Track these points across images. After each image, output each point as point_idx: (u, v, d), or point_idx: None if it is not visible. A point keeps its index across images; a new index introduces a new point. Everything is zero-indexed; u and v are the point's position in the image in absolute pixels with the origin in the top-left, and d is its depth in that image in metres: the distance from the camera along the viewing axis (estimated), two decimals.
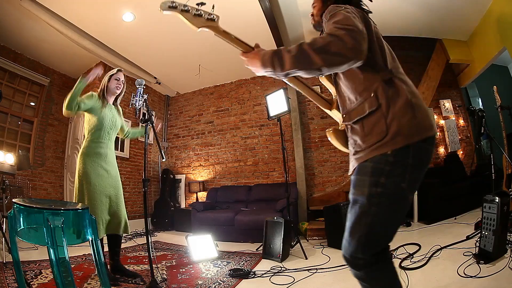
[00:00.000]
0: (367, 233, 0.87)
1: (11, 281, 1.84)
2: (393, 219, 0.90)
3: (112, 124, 2.18)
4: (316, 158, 4.79)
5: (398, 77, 0.92)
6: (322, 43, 0.82)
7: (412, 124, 0.85)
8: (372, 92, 0.90)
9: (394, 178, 0.85)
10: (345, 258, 0.92)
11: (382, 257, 0.89)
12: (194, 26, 0.99)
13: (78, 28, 3.70)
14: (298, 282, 2.03)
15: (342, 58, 0.82)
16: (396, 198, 0.87)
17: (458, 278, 1.68)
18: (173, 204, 5.12)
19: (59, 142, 4.80)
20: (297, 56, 0.85)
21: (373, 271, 0.88)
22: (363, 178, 0.90)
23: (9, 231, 1.19)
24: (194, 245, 2.80)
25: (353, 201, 0.92)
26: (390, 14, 3.70)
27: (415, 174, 0.87)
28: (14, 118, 4.26)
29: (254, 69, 0.99)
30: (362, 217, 0.88)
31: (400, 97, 0.88)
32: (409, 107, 0.86)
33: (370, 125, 0.90)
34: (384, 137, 0.85)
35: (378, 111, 0.88)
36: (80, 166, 2.03)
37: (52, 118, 4.71)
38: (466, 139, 4.79)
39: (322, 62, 0.82)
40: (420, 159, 0.87)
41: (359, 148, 0.93)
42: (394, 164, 0.85)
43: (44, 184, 4.42)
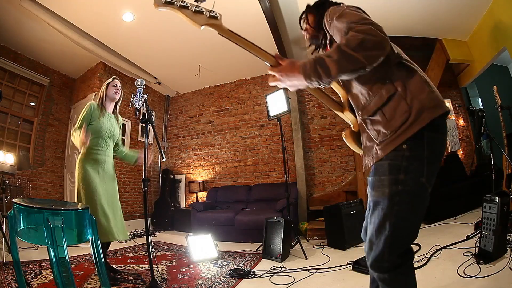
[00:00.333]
0: (393, 234, 0.86)
1: (11, 281, 1.84)
2: (416, 216, 0.90)
3: (110, 133, 2.24)
4: (316, 158, 4.79)
5: (405, 59, 0.94)
6: (357, 41, 0.81)
7: (432, 97, 0.86)
8: (387, 78, 0.91)
9: (413, 174, 0.85)
10: (369, 262, 0.91)
11: (406, 258, 0.89)
12: (196, 23, 0.92)
13: (78, 28, 3.70)
14: (298, 282, 2.03)
15: (378, 51, 0.82)
16: (417, 194, 0.87)
17: (458, 278, 1.68)
18: (173, 204, 5.12)
19: (59, 142, 4.79)
20: (340, 59, 0.83)
21: (397, 274, 0.87)
22: (381, 178, 0.89)
23: (9, 231, 1.19)
24: (194, 245, 2.80)
25: (374, 203, 0.91)
26: (390, 14, 3.70)
27: (432, 167, 0.87)
28: (14, 118, 4.26)
29: (291, 83, 0.93)
30: (386, 219, 0.87)
31: (413, 76, 0.89)
32: (424, 83, 0.88)
33: (391, 110, 0.89)
34: (409, 116, 0.85)
35: (396, 94, 0.88)
36: (79, 171, 2.07)
37: (52, 118, 4.71)
38: (466, 139, 4.79)
39: (365, 60, 0.81)
40: (434, 150, 0.86)
41: (384, 137, 0.90)
42: (411, 158, 0.84)
43: (44, 184, 4.42)
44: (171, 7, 0.90)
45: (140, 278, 2.15)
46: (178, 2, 0.90)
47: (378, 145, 0.93)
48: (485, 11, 3.77)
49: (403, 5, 3.61)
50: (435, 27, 4.19)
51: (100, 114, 2.20)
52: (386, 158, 0.88)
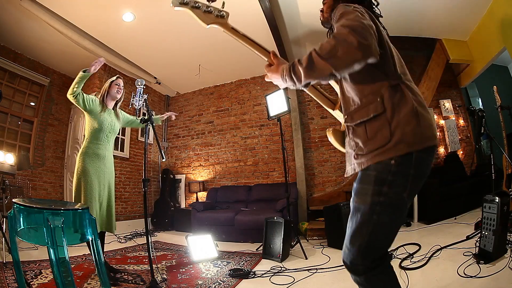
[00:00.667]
0: (368, 241, 0.88)
1: (11, 281, 1.84)
2: (393, 226, 0.92)
3: (110, 128, 2.29)
4: (316, 158, 4.79)
5: (405, 84, 0.92)
6: (328, 48, 0.81)
7: (415, 132, 0.85)
8: (379, 96, 0.89)
9: (396, 188, 0.87)
10: (345, 264, 0.94)
11: (381, 262, 0.90)
12: (204, 22, 1.01)
13: (78, 28, 3.70)
14: (298, 282, 2.03)
15: (351, 58, 0.79)
16: (397, 207, 0.89)
17: (458, 278, 1.68)
18: (173, 204, 5.12)
19: (59, 142, 4.79)
20: (307, 66, 0.85)
21: (372, 276, 0.89)
22: (366, 186, 0.91)
23: (9, 231, 1.19)
24: (194, 245, 2.80)
25: (354, 209, 0.93)
26: (390, 14, 3.70)
27: (415, 184, 0.89)
28: (14, 118, 4.25)
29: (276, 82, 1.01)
30: (364, 226, 0.89)
31: (406, 104, 0.87)
32: (414, 115, 0.86)
33: (373, 129, 0.90)
34: (387, 143, 0.86)
35: (382, 116, 0.88)
36: (79, 164, 2.13)
37: (52, 118, 4.71)
38: (466, 139, 4.79)
39: (332, 68, 0.80)
40: (421, 170, 0.88)
41: (361, 152, 0.93)
42: (397, 174, 0.86)
43: (44, 184, 4.42)
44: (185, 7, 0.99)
45: (140, 278, 2.15)
46: (192, 3, 0.99)
47: (355, 157, 0.96)
48: (485, 11, 3.77)
49: (403, 5, 3.61)
50: (435, 27, 4.19)
51: (102, 109, 2.26)
52: (373, 169, 0.89)
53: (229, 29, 1.03)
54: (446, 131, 4.66)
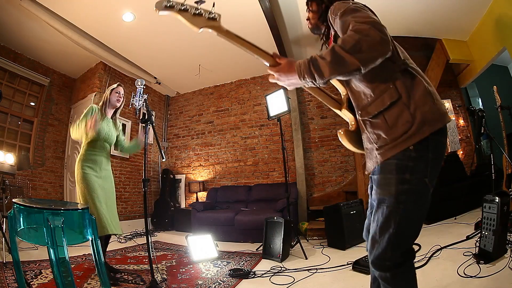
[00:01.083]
0: (397, 232, 0.86)
1: (11, 281, 1.84)
2: (419, 215, 0.91)
3: (107, 137, 2.31)
4: (316, 158, 4.79)
5: (411, 67, 0.93)
6: (352, 42, 0.80)
7: (434, 110, 0.86)
8: (391, 83, 0.90)
9: (418, 174, 0.86)
10: (372, 261, 0.91)
11: (409, 256, 0.90)
12: (195, 26, 0.93)
13: (78, 28, 3.70)
14: (298, 282, 2.03)
15: (375, 53, 0.80)
16: (422, 193, 0.88)
17: (458, 278, 1.68)
18: (173, 204, 5.12)
19: (59, 142, 4.79)
20: (333, 61, 0.83)
21: (399, 272, 0.88)
22: (388, 176, 0.89)
23: (9, 231, 1.19)
24: (194, 245, 2.80)
25: (379, 201, 0.91)
26: (390, 14, 3.70)
27: (435, 168, 0.89)
28: (14, 118, 4.25)
29: (289, 82, 0.95)
30: (391, 216, 0.87)
31: (418, 86, 0.88)
32: (428, 94, 0.87)
33: (393, 117, 0.89)
34: (410, 127, 0.85)
35: (399, 101, 0.88)
36: (78, 171, 2.16)
37: (52, 118, 4.71)
38: (466, 139, 4.79)
39: (359, 62, 0.80)
40: (438, 152, 0.88)
41: (384, 143, 0.91)
42: (417, 159, 0.86)
43: (44, 184, 4.42)
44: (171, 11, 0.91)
45: (140, 278, 2.15)
46: (178, 5, 0.91)
47: (377, 149, 0.93)
48: (485, 11, 3.77)
49: (403, 5, 3.61)
50: (435, 27, 4.19)
51: (100, 118, 2.28)
52: (393, 158, 0.88)
53: (224, 32, 0.95)
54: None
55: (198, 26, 0.93)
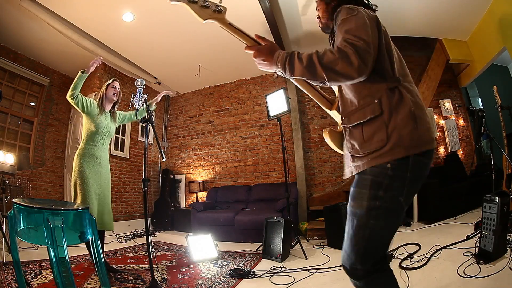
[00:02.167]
0: (366, 245, 0.88)
1: (11, 281, 1.84)
2: (390, 230, 0.92)
3: (106, 131, 2.35)
4: (316, 158, 4.79)
5: (404, 86, 0.91)
6: (329, 59, 0.84)
7: (413, 136, 0.84)
8: (376, 98, 0.89)
9: (393, 192, 0.86)
10: (345, 268, 0.93)
11: (380, 266, 0.90)
12: (200, 17, 0.99)
13: (78, 28, 3.70)
14: (298, 282, 2.03)
15: (345, 77, 0.84)
16: (393, 211, 0.89)
17: (458, 278, 1.68)
18: (173, 204, 5.12)
19: (59, 142, 4.79)
20: (306, 67, 0.88)
21: (372, 280, 0.89)
22: (362, 191, 0.90)
23: (9, 231, 1.19)
24: (194, 245, 2.80)
25: (351, 213, 0.93)
26: (390, 14, 3.70)
27: (412, 188, 0.88)
28: (14, 118, 4.25)
29: (263, 64, 1.00)
30: (361, 230, 0.89)
31: (404, 107, 0.86)
32: (412, 118, 0.85)
33: (370, 131, 0.89)
34: (383, 146, 0.85)
35: (379, 118, 0.88)
36: (76, 165, 2.19)
37: (52, 118, 4.71)
38: (466, 139, 4.79)
39: (326, 78, 0.85)
40: (418, 173, 0.87)
41: (357, 154, 0.93)
42: (393, 178, 0.85)
43: (44, 184, 4.42)
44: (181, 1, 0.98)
45: (140, 278, 2.15)
46: None
47: (351, 160, 0.96)
48: (485, 11, 3.77)
49: (403, 5, 3.61)
50: (435, 27, 4.19)
51: (99, 112, 2.33)
52: (370, 173, 0.89)
53: (226, 24, 1.02)
54: (446, 131, 4.66)
55: (204, 18, 0.99)
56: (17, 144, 4.21)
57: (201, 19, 0.99)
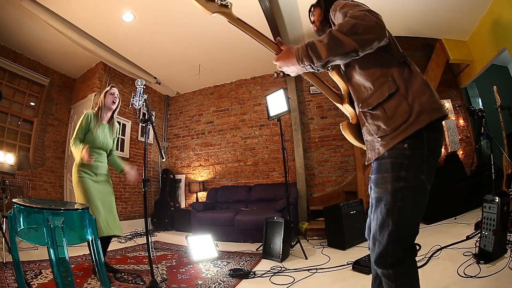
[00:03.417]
0: (396, 229, 0.88)
1: (11, 281, 1.84)
2: (417, 212, 0.92)
3: (102, 144, 2.31)
4: (316, 158, 4.79)
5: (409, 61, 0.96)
6: (348, 26, 0.84)
7: (432, 101, 0.88)
8: (389, 76, 0.92)
9: (414, 171, 0.88)
10: (375, 260, 0.92)
11: (410, 253, 0.91)
12: (208, 11, 0.98)
13: (78, 28, 3.70)
14: (298, 282, 2.03)
15: (372, 35, 0.84)
16: (418, 190, 0.89)
17: (458, 278, 1.68)
18: (173, 204, 5.12)
19: (59, 142, 4.79)
20: (330, 43, 0.86)
21: (401, 269, 0.89)
22: (384, 175, 0.91)
23: (9, 231, 1.19)
24: (194, 245, 2.80)
25: (377, 200, 0.93)
26: (390, 14, 3.70)
27: (431, 165, 0.90)
28: (14, 118, 4.25)
29: (289, 68, 0.99)
30: (390, 214, 0.89)
31: (416, 77, 0.91)
32: (426, 86, 0.90)
33: (392, 108, 0.91)
34: (409, 117, 0.87)
35: (397, 93, 0.90)
36: (75, 175, 2.17)
37: (52, 118, 4.71)
38: (466, 139, 4.79)
39: (356, 43, 0.83)
40: (434, 150, 0.90)
41: (384, 133, 0.93)
42: (412, 157, 0.87)
43: (44, 184, 4.42)
44: None
45: (140, 278, 2.15)
46: None
47: (378, 141, 0.95)
48: (485, 11, 3.77)
49: (403, 5, 3.61)
50: (435, 27, 4.19)
51: (96, 125, 2.27)
52: (388, 157, 0.90)
53: (234, 19, 1.01)
54: (446, 131, 4.65)
55: (211, 11, 0.98)
56: (17, 144, 4.21)
57: (209, 13, 0.98)
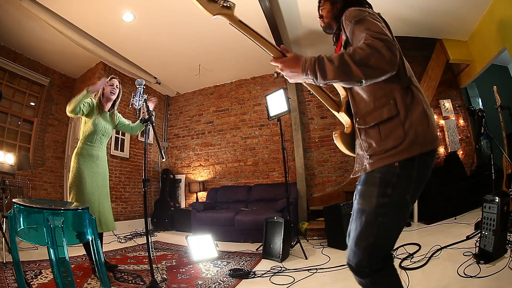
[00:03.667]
0: (374, 242, 0.89)
1: (11, 281, 1.84)
2: (397, 227, 0.95)
3: (104, 131, 2.33)
4: (316, 158, 4.79)
5: (414, 85, 0.94)
6: (362, 55, 0.83)
7: (426, 133, 0.88)
8: (392, 99, 0.92)
9: (400, 190, 0.89)
10: (350, 266, 0.95)
11: (386, 264, 0.92)
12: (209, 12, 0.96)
13: (78, 28, 3.70)
14: (298, 282, 2.03)
15: (380, 71, 0.83)
16: (400, 208, 0.91)
17: (458, 278, 1.68)
18: (173, 204, 5.12)
19: (59, 142, 4.80)
20: (339, 67, 0.85)
21: (378, 278, 0.90)
22: (370, 188, 0.92)
23: (9, 231, 1.19)
24: (194, 245, 2.80)
25: (359, 211, 0.94)
26: (390, 14, 3.69)
27: (418, 186, 0.91)
28: (14, 118, 4.25)
29: (291, 75, 0.98)
30: (369, 227, 0.90)
31: (417, 106, 0.90)
32: (425, 116, 0.89)
33: (387, 130, 0.91)
34: (401, 143, 0.88)
35: (396, 117, 0.90)
36: (74, 164, 2.17)
37: (52, 118, 4.71)
38: (466, 139, 4.79)
39: (362, 75, 0.83)
40: (423, 172, 0.91)
41: (373, 152, 0.94)
42: (401, 176, 0.88)
43: (44, 184, 4.42)
44: None
45: (140, 278, 2.15)
46: None
47: (367, 158, 0.97)
48: (485, 11, 3.77)
49: (403, 5, 3.61)
50: (435, 27, 4.19)
51: (97, 113, 2.30)
52: (378, 172, 0.91)
53: (236, 21, 0.98)
54: (446, 131, 4.65)
55: (213, 13, 0.96)
56: (17, 144, 4.21)
57: (210, 14, 0.96)
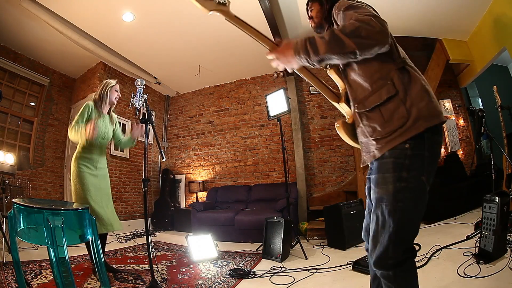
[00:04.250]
0: (397, 230, 0.88)
1: (11, 281, 1.84)
2: (418, 212, 0.92)
3: (103, 135, 2.30)
4: (316, 158, 4.79)
5: (409, 65, 0.96)
6: (351, 28, 0.84)
7: (430, 107, 0.88)
8: (389, 80, 0.92)
9: (415, 171, 0.88)
10: (374, 259, 0.92)
11: (410, 254, 0.90)
12: (205, 8, 0.97)
13: (78, 28, 3.70)
14: (298, 282, 2.03)
15: (372, 41, 0.84)
16: (419, 191, 0.90)
17: (458, 278, 1.68)
18: (173, 204, 5.12)
19: (59, 142, 4.79)
20: (330, 41, 0.86)
21: (401, 271, 0.88)
22: (385, 175, 0.91)
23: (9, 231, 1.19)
24: (194, 245, 2.80)
25: (378, 200, 0.92)
26: (390, 14, 3.70)
27: (431, 166, 0.90)
28: (14, 118, 4.25)
29: (285, 60, 0.98)
30: (391, 215, 0.89)
31: (416, 83, 0.91)
32: (425, 92, 0.89)
33: (389, 111, 0.91)
34: (406, 122, 0.87)
35: (395, 97, 0.90)
36: (74, 169, 2.16)
37: (52, 118, 4.71)
38: (466, 139, 4.79)
39: (355, 46, 0.84)
40: (434, 150, 0.90)
41: (380, 136, 0.93)
42: (413, 157, 0.87)
43: (44, 184, 4.42)
44: None
45: (140, 278, 2.15)
46: None
47: (374, 144, 0.95)
48: (485, 11, 3.77)
49: (403, 5, 3.61)
50: (435, 27, 4.19)
51: (96, 116, 2.25)
52: (389, 156, 0.90)
53: (232, 17, 1.00)
54: (446, 131, 4.65)
55: (208, 9, 0.97)
56: (17, 144, 4.21)
57: (206, 10, 0.98)
